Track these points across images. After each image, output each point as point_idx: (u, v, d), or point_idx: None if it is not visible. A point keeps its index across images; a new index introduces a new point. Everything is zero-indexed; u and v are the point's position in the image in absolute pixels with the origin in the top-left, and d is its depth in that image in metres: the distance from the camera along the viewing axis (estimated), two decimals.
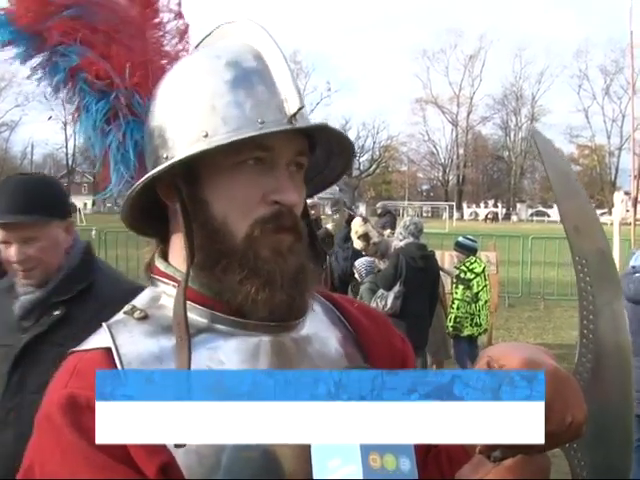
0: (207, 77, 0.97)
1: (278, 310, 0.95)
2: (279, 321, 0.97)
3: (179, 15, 1.28)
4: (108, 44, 1.18)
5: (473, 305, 7.11)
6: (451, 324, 7.12)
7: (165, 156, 0.97)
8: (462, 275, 7.19)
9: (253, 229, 0.94)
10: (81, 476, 0.82)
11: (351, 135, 73.88)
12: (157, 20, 1.28)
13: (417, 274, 6.05)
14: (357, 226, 6.61)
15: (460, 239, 7.45)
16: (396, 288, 5.95)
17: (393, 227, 12.84)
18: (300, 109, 0.93)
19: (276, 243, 0.96)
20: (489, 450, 0.77)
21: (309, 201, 1.13)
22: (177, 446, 0.81)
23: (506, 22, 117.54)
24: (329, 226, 8.88)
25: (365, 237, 6.55)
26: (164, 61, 1.26)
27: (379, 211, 16.46)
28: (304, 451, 0.91)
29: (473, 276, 7.16)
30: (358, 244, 6.66)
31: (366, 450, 0.70)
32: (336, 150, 1.06)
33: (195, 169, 0.96)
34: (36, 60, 1.18)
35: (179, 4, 1.28)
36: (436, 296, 6.47)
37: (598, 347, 0.95)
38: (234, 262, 0.94)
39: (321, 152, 1.06)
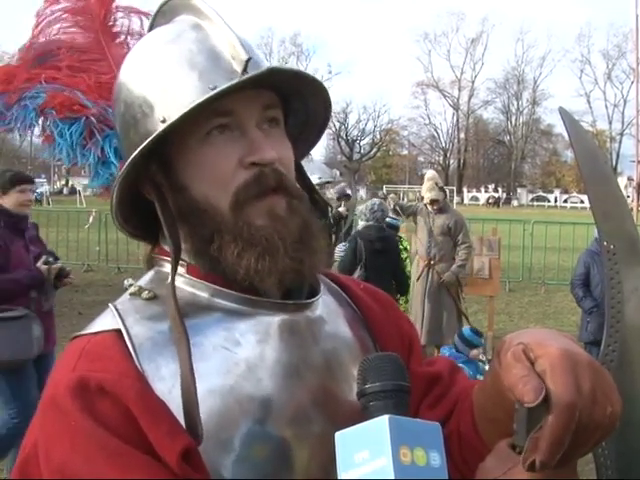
0: (151, 63, 0.94)
1: (287, 276, 0.91)
2: (294, 298, 0.95)
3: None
4: (73, 76, 1.23)
5: None
6: None
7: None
8: None
9: (237, 198, 0.90)
10: (95, 463, 0.76)
11: (352, 118, 73.62)
12: (119, 40, 1.32)
13: (377, 256, 6.03)
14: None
15: None
16: (357, 273, 5.90)
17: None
18: (248, 61, 0.89)
19: (269, 207, 0.91)
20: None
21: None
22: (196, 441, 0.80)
23: (508, 5, 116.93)
24: (341, 209, 8.95)
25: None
26: None
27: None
28: (322, 453, 0.88)
29: None
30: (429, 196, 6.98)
31: (397, 442, 0.65)
32: (309, 93, 0.99)
33: (168, 158, 0.93)
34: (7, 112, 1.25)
35: (142, 27, 1.31)
36: (401, 276, 6.44)
37: (624, 335, 0.93)
38: (227, 237, 0.90)
39: (298, 103, 1.01)
